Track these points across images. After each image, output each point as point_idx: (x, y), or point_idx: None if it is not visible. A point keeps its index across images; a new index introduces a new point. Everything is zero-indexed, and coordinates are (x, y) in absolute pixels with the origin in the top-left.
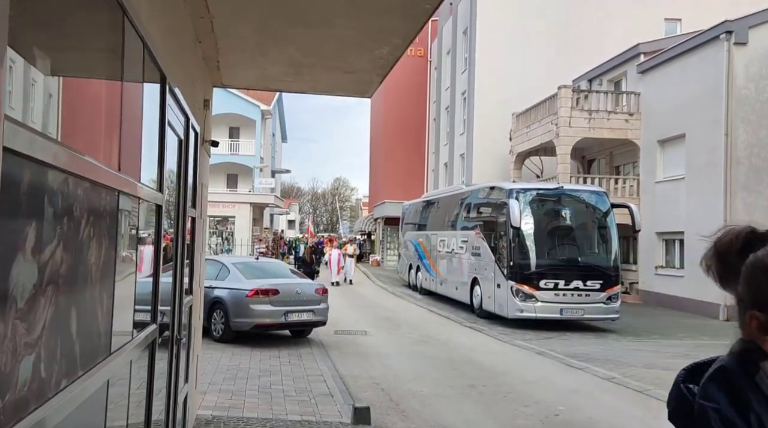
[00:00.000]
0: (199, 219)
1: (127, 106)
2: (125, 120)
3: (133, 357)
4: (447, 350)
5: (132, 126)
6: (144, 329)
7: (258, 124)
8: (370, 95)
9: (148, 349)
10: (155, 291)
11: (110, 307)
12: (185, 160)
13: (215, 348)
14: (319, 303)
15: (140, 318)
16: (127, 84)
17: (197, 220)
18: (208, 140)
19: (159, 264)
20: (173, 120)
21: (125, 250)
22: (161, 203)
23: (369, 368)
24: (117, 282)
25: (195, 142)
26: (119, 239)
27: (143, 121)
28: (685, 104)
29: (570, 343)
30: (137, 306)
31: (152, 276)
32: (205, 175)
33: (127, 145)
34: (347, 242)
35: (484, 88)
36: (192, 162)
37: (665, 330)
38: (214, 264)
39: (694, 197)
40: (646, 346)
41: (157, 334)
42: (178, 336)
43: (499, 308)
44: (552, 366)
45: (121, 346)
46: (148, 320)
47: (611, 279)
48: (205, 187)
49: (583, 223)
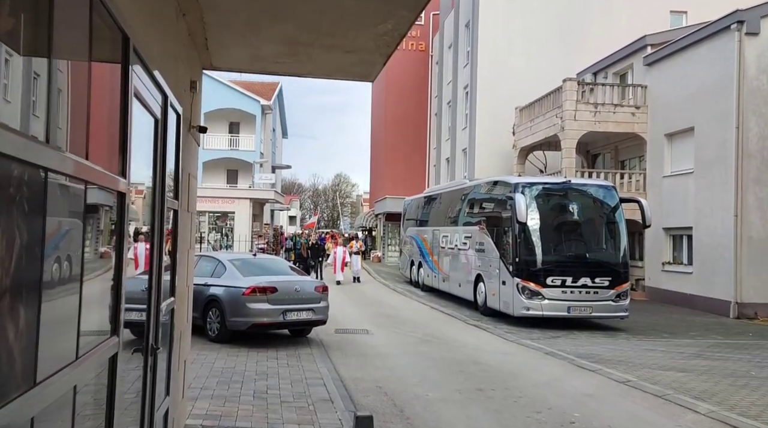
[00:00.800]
0: (185, 213)
1: (72, 68)
2: (71, 84)
3: (78, 382)
4: (452, 350)
5: (78, 91)
6: (97, 347)
7: (258, 119)
8: (372, 79)
9: (108, 367)
10: (116, 297)
11: (32, 324)
12: (163, 144)
13: (210, 349)
14: (319, 301)
15: (91, 331)
16: (71, 36)
17: (181, 213)
18: (196, 126)
19: (122, 264)
20: (144, 95)
21: (62, 249)
22: (124, 191)
23: (371, 370)
24: (45, 291)
25: (177, 126)
26: (49, 233)
27: (92, 85)
28: (693, 96)
29: (579, 343)
30: (86, 317)
31: (113, 280)
32: (193, 164)
33: (71, 116)
34: (351, 238)
35: (487, 82)
36: (173, 148)
37: (675, 329)
38: (209, 260)
39: (703, 192)
40: (658, 346)
41: (119, 348)
42: (154, 346)
43: (504, 306)
44: (562, 368)
45: (54, 372)
46: (105, 333)
47: (620, 276)
48: (194, 178)
49: (591, 218)
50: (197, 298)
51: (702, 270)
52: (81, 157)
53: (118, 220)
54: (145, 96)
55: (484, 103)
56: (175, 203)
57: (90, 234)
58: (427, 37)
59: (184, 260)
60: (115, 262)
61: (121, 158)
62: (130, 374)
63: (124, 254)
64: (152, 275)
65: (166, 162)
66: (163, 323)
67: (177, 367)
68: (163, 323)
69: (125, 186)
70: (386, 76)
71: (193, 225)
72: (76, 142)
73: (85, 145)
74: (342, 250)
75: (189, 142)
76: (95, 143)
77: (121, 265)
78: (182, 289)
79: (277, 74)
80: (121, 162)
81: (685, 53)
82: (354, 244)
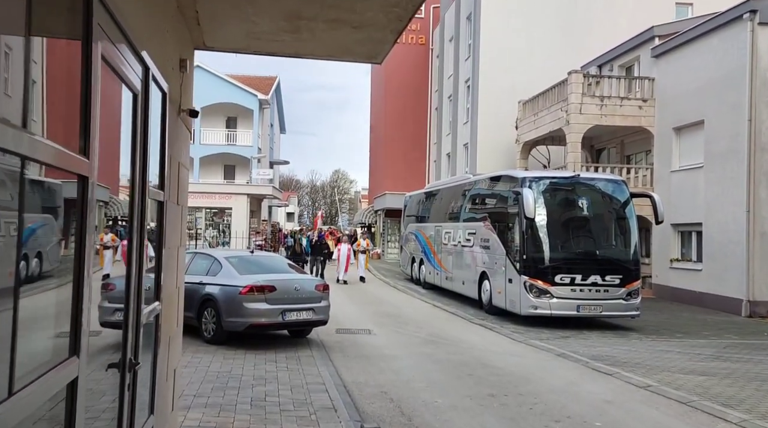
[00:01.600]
0: (173, 206)
1: None
2: None
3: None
4: (459, 351)
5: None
6: (44, 375)
7: (256, 113)
8: (380, 60)
9: (66, 395)
10: (76, 308)
11: None
12: (144, 124)
13: (206, 351)
14: (319, 300)
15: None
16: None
17: (169, 206)
18: (186, 110)
19: (85, 266)
20: (117, 61)
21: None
22: (86, 174)
23: (376, 373)
24: None
25: (163, 106)
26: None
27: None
28: (703, 89)
29: (590, 343)
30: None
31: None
32: (184, 152)
33: None
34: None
35: (489, 76)
36: (158, 130)
37: (688, 328)
38: (204, 258)
39: (713, 187)
40: (673, 347)
41: (77, 372)
42: (133, 361)
43: (510, 304)
44: (577, 371)
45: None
46: (61, 353)
47: (631, 274)
48: (185, 168)
49: (600, 214)
50: (192, 297)
51: (712, 268)
52: (15, 127)
53: (79, 211)
54: (117, 62)
55: (486, 96)
56: (159, 194)
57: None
58: (428, 31)
59: (173, 258)
60: (75, 264)
61: (83, 134)
62: (102, 397)
63: (87, 253)
64: (130, 277)
65: (149, 145)
66: (147, 331)
67: (165, 378)
68: (146, 331)
69: (88, 168)
70: (385, 70)
71: (184, 221)
72: (11, 109)
73: (19, 114)
74: (347, 248)
75: (178, 128)
76: (49, 115)
77: (83, 268)
78: (171, 291)
79: (276, 55)
80: (83, 138)
81: (694, 44)
82: (361, 243)
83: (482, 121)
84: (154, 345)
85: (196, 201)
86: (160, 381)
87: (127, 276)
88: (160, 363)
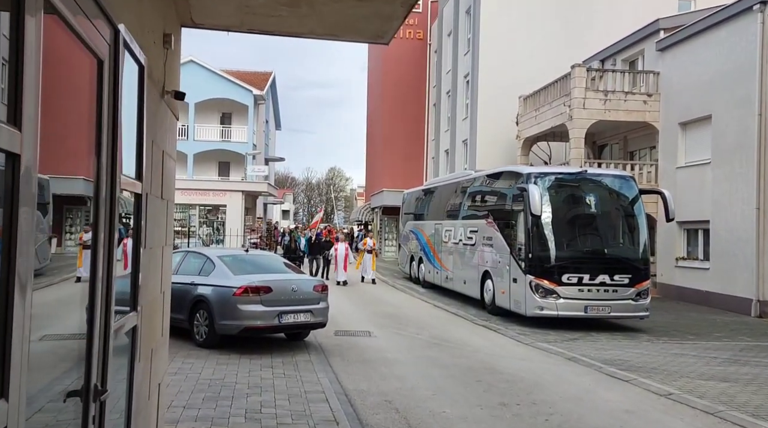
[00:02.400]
0: (155, 200)
1: None
2: None
3: None
4: (464, 355)
5: None
6: None
7: (251, 109)
8: (388, 40)
9: None
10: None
11: None
12: (112, 99)
13: (197, 356)
14: (318, 302)
15: None
16: None
17: (150, 200)
18: (171, 91)
19: (16, 277)
20: (67, 11)
21: None
22: (17, 152)
23: (378, 380)
24: None
25: (140, 82)
26: None
27: None
28: (711, 83)
29: (600, 346)
30: None
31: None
32: (170, 140)
33: None
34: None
35: (488, 70)
36: (135, 110)
37: (698, 329)
38: (197, 257)
39: (721, 183)
40: (686, 349)
41: (5, 421)
42: (98, 388)
43: (515, 305)
44: (591, 377)
45: None
46: None
47: (640, 273)
48: (170, 158)
49: (608, 211)
50: (183, 298)
51: (720, 266)
52: None
53: (7, 203)
54: (69, 12)
55: (485, 92)
56: (136, 185)
57: None
58: (425, 25)
59: (156, 259)
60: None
61: (13, 96)
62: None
63: (19, 261)
64: (95, 285)
65: (119, 124)
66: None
67: (147, 397)
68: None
69: (21, 143)
70: (382, 66)
71: (170, 217)
72: None
73: None
74: (344, 247)
75: (162, 112)
76: None
77: (11, 280)
78: (154, 297)
79: (272, 33)
80: (13, 103)
81: (701, 37)
82: (368, 242)
83: (482, 116)
84: (130, 363)
85: (190, 198)
86: (139, 403)
87: (90, 285)
88: (139, 382)
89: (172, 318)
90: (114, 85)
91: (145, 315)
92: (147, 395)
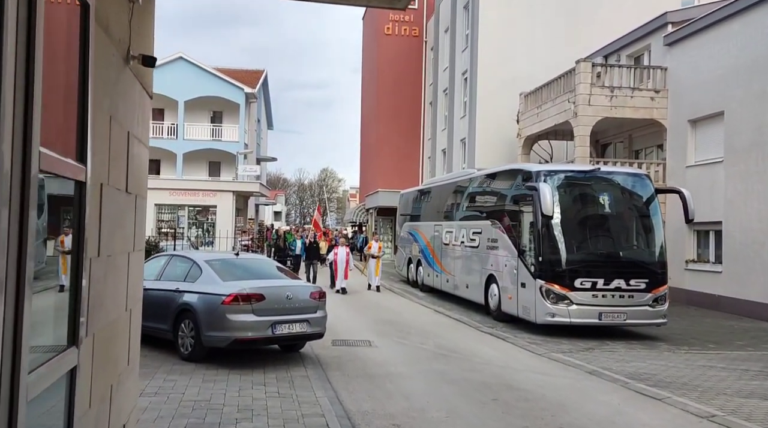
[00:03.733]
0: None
1: None
2: None
3: None
4: (475, 368)
5: None
6: None
7: (242, 108)
8: (404, 5)
9: None
10: None
11: None
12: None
13: (181, 372)
14: (315, 310)
15: None
16: None
17: (105, 192)
18: (138, 55)
19: None
20: None
21: None
22: None
23: (383, 399)
24: None
25: (83, 25)
26: None
27: None
28: (723, 78)
29: (619, 357)
30: None
31: None
32: (139, 119)
33: None
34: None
35: (487, 67)
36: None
37: (717, 337)
38: (183, 261)
39: (735, 183)
40: (712, 361)
41: None
42: None
43: (523, 311)
44: (618, 395)
45: None
46: None
47: (658, 278)
48: (140, 143)
49: (623, 211)
50: (167, 306)
51: (733, 269)
52: None
53: None
54: None
55: (484, 89)
56: (75, 169)
57: None
58: (421, 22)
59: (116, 271)
60: None
61: None
62: None
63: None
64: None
65: (34, 73)
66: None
67: None
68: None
69: None
70: (377, 63)
71: (141, 217)
72: None
73: None
74: (345, 252)
75: (125, 81)
76: None
77: None
78: (115, 318)
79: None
80: None
81: (713, 30)
82: (373, 245)
83: (481, 114)
84: (67, 416)
85: (179, 198)
86: None
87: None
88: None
89: (154, 328)
90: (28, 18)
91: (100, 345)
92: None
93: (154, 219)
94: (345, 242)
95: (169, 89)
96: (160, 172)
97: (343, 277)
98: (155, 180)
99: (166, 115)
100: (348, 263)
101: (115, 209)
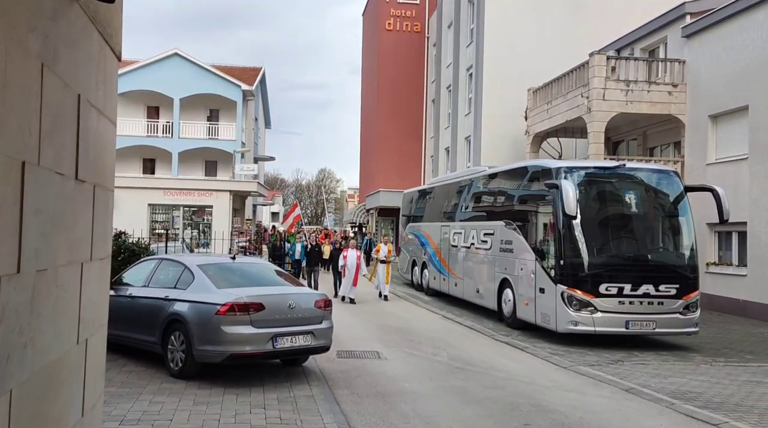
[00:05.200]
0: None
1: None
2: None
3: None
4: (497, 384)
5: None
6: None
7: (239, 105)
8: None
9: None
10: None
11: None
12: None
13: (171, 392)
14: (320, 321)
15: None
16: None
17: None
18: None
19: None
20: None
21: None
22: None
23: (400, 424)
24: None
25: None
26: None
27: None
28: (747, 71)
29: (653, 371)
30: None
31: None
32: (97, 82)
33: None
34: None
35: (493, 62)
36: None
37: (752, 347)
38: (173, 265)
39: (761, 181)
40: (756, 375)
41: None
42: None
43: (542, 319)
44: (666, 419)
45: None
46: None
47: (689, 283)
48: (100, 114)
49: (650, 211)
50: (155, 316)
51: (759, 273)
52: None
53: None
54: None
55: (490, 85)
56: None
57: None
58: (423, 18)
59: (58, 291)
60: None
61: None
62: None
63: None
64: None
65: None
66: None
67: None
68: None
69: None
70: (378, 60)
71: (105, 216)
72: None
73: None
74: (355, 255)
75: (73, 24)
76: None
77: None
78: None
79: None
80: None
81: (735, 21)
82: (382, 248)
83: (487, 111)
84: None
85: (174, 198)
86: None
87: None
88: None
89: (140, 340)
90: None
91: (26, 401)
92: None
93: (148, 220)
94: (356, 244)
95: (165, 86)
96: (155, 171)
97: (352, 285)
98: (150, 179)
99: (162, 112)
100: (359, 268)
101: (52, 202)
